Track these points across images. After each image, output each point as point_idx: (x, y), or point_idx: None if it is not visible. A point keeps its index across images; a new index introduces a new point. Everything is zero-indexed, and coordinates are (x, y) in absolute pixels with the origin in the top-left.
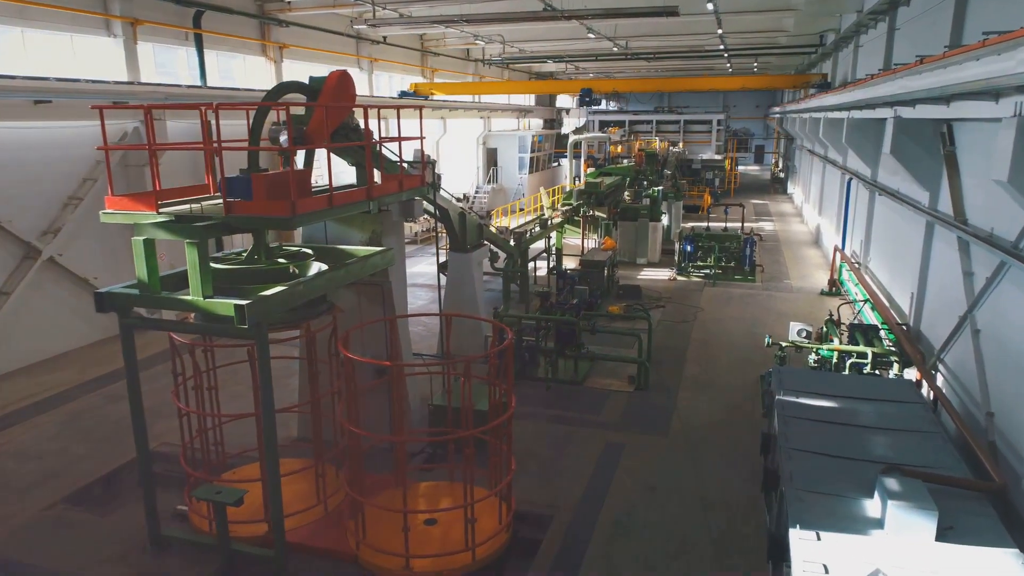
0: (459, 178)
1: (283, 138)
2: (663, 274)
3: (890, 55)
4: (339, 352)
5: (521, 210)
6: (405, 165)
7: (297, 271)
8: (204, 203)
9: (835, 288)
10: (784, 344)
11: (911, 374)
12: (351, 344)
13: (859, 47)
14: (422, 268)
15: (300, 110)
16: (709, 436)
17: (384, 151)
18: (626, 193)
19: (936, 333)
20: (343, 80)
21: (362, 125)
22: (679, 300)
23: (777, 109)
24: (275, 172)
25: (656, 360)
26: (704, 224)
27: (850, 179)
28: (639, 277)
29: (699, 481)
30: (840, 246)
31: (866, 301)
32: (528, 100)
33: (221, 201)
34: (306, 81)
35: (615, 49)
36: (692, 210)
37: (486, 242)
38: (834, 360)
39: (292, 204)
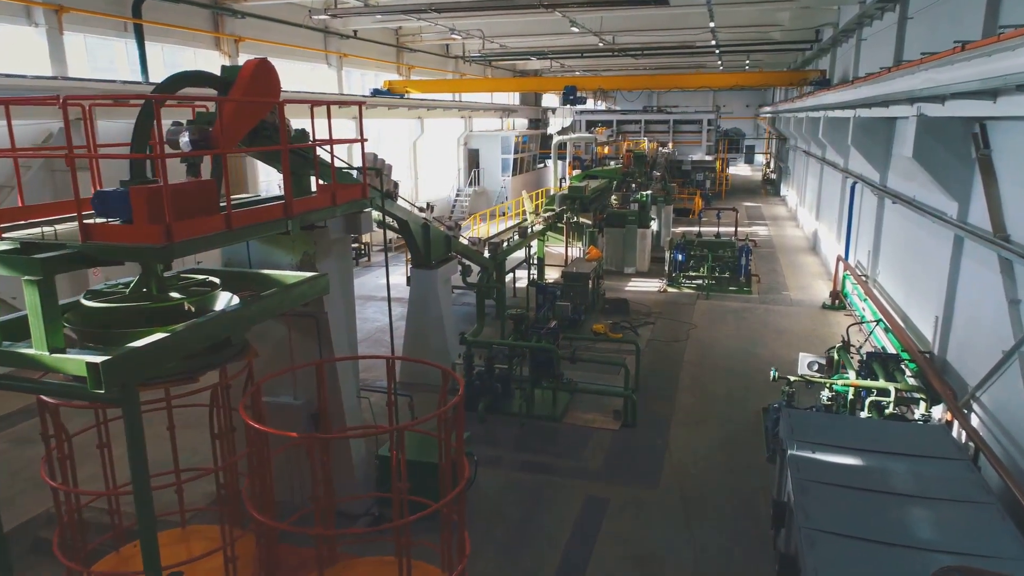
0: (439, 181)
1: (184, 140)
2: (652, 285)
3: (901, 48)
4: (254, 405)
5: (504, 214)
6: (353, 173)
7: (193, 308)
8: (59, 226)
9: (838, 301)
10: (793, 378)
11: (938, 412)
12: (279, 388)
13: (862, 40)
14: (396, 279)
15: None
16: (707, 488)
17: (327, 157)
18: (613, 197)
19: (968, 366)
20: (262, 70)
21: (301, 126)
22: (670, 315)
23: (768, 109)
24: (171, 184)
25: (645, 388)
26: (695, 229)
27: (854, 183)
28: (627, 288)
29: (696, 551)
30: (843, 256)
31: (878, 322)
32: (512, 99)
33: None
34: (213, 71)
35: (601, 45)
36: (682, 214)
37: (455, 254)
38: (850, 396)
39: (166, 229)
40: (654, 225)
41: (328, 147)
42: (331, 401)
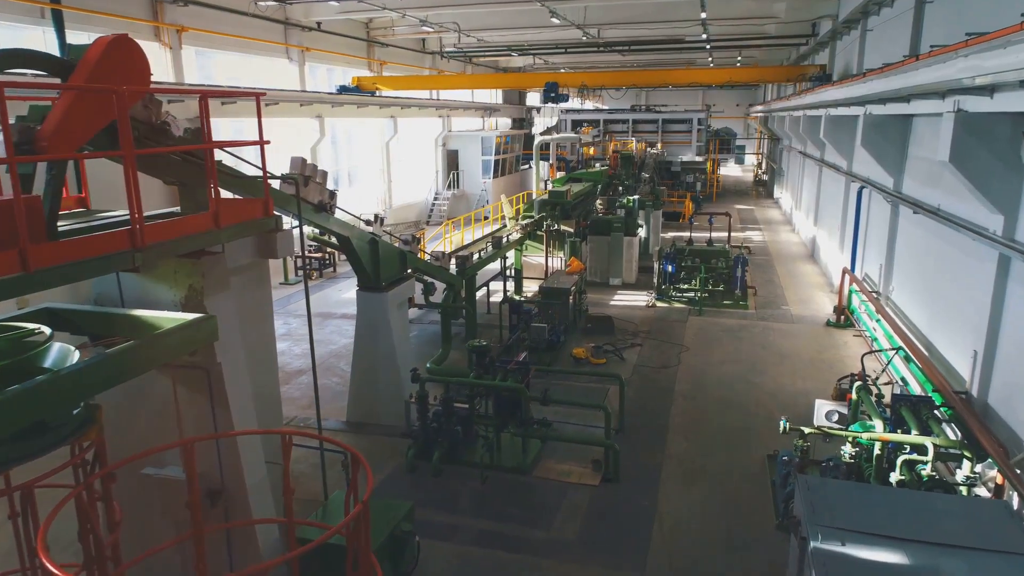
0: (415, 183)
1: None
2: (640, 298)
3: (918, 36)
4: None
5: (486, 218)
6: (275, 183)
7: None
8: None
9: (844, 318)
10: (808, 430)
11: (979, 466)
12: (165, 457)
13: (867, 31)
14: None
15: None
16: (706, 571)
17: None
18: (598, 202)
19: (1019, 414)
20: (118, 50)
21: (196, 124)
22: (659, 334)
23: (760, 107)
24: None
25: (631, 427)
26: (686, 235)
27: (861, 187)
28: (612, 303)
29: None
30: (849, 268)
31: (897, 350)
32: (495, 98)
33: None
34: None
35: (585, 39)
36: (672, 217)
37: (413, 272)
38: (876, 451)
39: None
40: (642, 232)
41: (229, 151)
42: (230, 476)
